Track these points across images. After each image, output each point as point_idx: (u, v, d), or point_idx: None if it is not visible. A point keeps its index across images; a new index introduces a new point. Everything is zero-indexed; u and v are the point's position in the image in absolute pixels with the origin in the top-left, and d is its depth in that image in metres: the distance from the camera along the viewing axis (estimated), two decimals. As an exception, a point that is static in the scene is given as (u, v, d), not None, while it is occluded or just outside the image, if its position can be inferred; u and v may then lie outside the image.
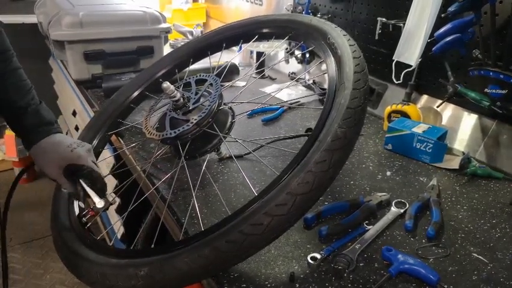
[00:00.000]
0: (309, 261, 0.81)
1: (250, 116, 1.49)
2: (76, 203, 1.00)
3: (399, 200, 1.00)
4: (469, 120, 1.27)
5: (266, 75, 1.95)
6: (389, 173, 1.15)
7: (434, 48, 1.21)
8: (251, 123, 1.44)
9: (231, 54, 1.86)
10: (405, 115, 1.32)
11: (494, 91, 1.12)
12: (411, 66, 1.32)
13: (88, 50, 1.71)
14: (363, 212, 0.95)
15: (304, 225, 0.92)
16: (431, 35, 1.24)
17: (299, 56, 1.85)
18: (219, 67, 1.37)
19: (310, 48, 1.05)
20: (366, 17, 1.55)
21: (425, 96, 1.40)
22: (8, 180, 3.05)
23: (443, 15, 1.19)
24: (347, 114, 0.76)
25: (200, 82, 1.08)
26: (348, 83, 0.82)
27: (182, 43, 1.96)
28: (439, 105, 1.31)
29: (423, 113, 1.33)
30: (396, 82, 1.40)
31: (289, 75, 1.92)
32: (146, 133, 1.04)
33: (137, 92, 1.31)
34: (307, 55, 1.79)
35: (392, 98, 1.46)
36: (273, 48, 1.92)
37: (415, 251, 0.85)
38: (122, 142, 1.30)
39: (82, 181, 0.92)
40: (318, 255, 0.82)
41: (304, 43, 1.09)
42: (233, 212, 0.75)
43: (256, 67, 1.93)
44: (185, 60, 1.31)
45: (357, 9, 1.58)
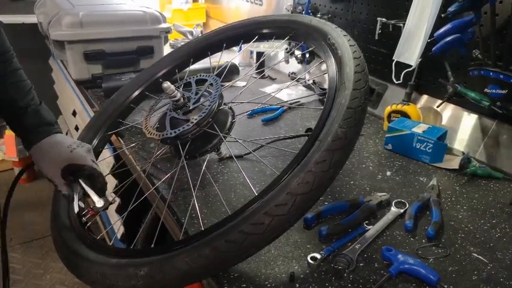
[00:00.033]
0: (309, 261, 0.81)
1: (250, 116, 1.49)
2: (76, 203, 1.00)
3: (399, 200, 1.00)
4: (468, 120, 1.28)
5: (266, 75, 1.95)
6: (389, 173, 1.15)
7: (434, 48, 1.21)
8: (251, 123, 1.44)
9: (231, 55, 1.86)
10: (405, 115, 1.32)
11: (494, 91, 1.12)
12: (411, 66, 1.32)
13: (88, 50, 1.71)
14: (363, 212, 0.95)
15: (304, 225, 0.92)
16: (431, 35, 1.24)
17: (299, 56, 1.85)
18: (219, 67, 1.37)
19: (311, 48, 1.05)
20: (366, 17, 1.55)
21: (425, 96, 1.40)
22: (8, 180, 3.05)
23: (443, 15, 1.19)
24: (347, 114, 0.76)
25: (200, 82, 1.08)
26: (348, 83, 0.82)
27: (183, 43, 1.96)
28: (439, 105, 1.31)
29: (423, 113, 1.33)
30: (396, 82, 1.41)
31: (289, 75, 1.92)
32: (146, 133, 1.04)
33: (137, 92, 1.31)
34: (307, 55, 1.79)
35: (392, 98, 1.46)
36: (273, 49, 1.92)
37: (415, 251, 0.85)
38: (122, 142, 1.30)
39: (81, 181, 0.92)
40: (318, 255, 0.82)
41: (304, 43, 1.09)
42: (233, 212, 0.75)
43: (257, 67, 1.93)
44: (185, 60, 1.31)
45: (357, 9, 1.58)
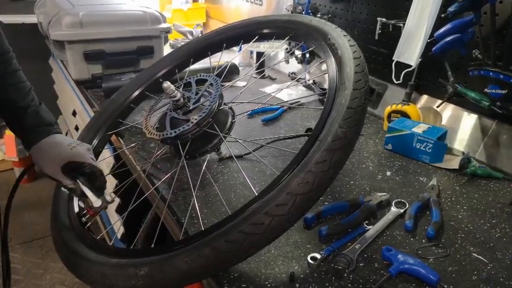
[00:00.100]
0: (309, 261, 0.81)
1: (251, 116, 1.49)
2: (76, 203, 1.00)
3: (399, 200, 1.00)
4: (468, 120, 1.28)
5: (266, 75, 1.95)
6: (389, 173, 1.15)
7: (434, 48, 1.21)
8: (251, 123, 1.44)
9: (231, 55, 1.86)
10: (405, 115, 1.32)
11: (494, 91, 1.12)
12: (411, 66, 1.32)
13: (88, 50, 1.71)
14: (363, 212, 0.95)
15: (304, 225, 0.92)
16: (431, 35, 1.24)
17: (299, 56, 1.85)
18: (219, 67, 1.37)
19: (311, 48, 1.05)
20: (366, 17, 1.55)
21: (425, 96, 1.40)
22: (8, 180, 3.06)
23: (443, 15, 1.19)
24: (347, 114, 0.76)
25: (200, 82, 1.08)
26: (348, 83, 0.82)
27: (183, 43, 1.96)
28: (439, 105, 1.31)
29: (423, 113, 1.33)
30: (396, 82, 1.41)
31: (289, 75, 1.92)
32: (147, 133, 1.04)
33: (137, 92, 1.31)
34: (307, 55, 1.79)
35: (392, 98, 1.46)
36: (273, 49, 1.92)
37: (415, 251, 0.85)
38: (122, 142, 1.30)
39: (79, 181, 0.92)
40: (318, 255, 0.82)
41: (304, 43, 1.09)
42: (233, 212, 0.75)
43: (257, 67, 1.93)
44: (185, 60, 1.31)
45: (357, 9, 1.58)
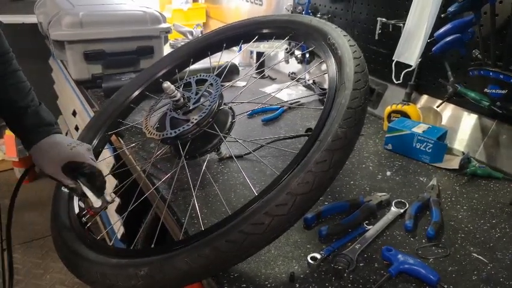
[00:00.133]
0: (309, 261, 0.81)
1: (251, 116, 1.49)
2: (76, 203, 1.00)
3: (399, 200, 1.00)
4: (468, 120, 1.28)
5: (266, 75, 1.95)
6: (389, 173, 1.15)
7: (434, 48, 1.21)
8: (251, 123, 1.44)
9: (231, 55, 1.86)
10: (405, 115, 1.32)
11: (494, 91, 1.12)
12: (411, 66, 1.32)
13: (88, 50, 1.71)
14: (363, 212, 0.95)
15: (304, 225, 0.92)
16: (431, 35, 1.24)
17: (299, 56, 1.85)
18: (219, 67, 1.37)
19: (311, 48, 1.05)
20: (366, 17, 1.55)
21: (425, 96, 1.40)
22: (8, 180, 3.05)
23: (443, 15, 1.19)
24: (347, 114, 0.76)
25: (200, 82, 1.08)
26: (348, 83, 0.82)
27: (183, 43, 1.96)
28: (439, 105, 1.31)
29: (423, 113, 1.33)
30: (396, 82, 1.40)
31: (289, 75, 1.92)
32: (147, 133, 1.04)
33: (137, 92, 1.31)
34: (307, 55, 1.79)
35: (392, 98, 1.46)
36: (273, 49, 1.92)
37: (415, 251, 0.85)
38: (122, 142, 1.30)
39: (79, 181, 0.92)
40: (318, 255, 0.82)
41: (304, 43, 1.09)
42: (233, 212, 0.75)
43: (257, 67, 1.93)
44: (185, 60, 1.31)
45: (357, 9, 1.58)
